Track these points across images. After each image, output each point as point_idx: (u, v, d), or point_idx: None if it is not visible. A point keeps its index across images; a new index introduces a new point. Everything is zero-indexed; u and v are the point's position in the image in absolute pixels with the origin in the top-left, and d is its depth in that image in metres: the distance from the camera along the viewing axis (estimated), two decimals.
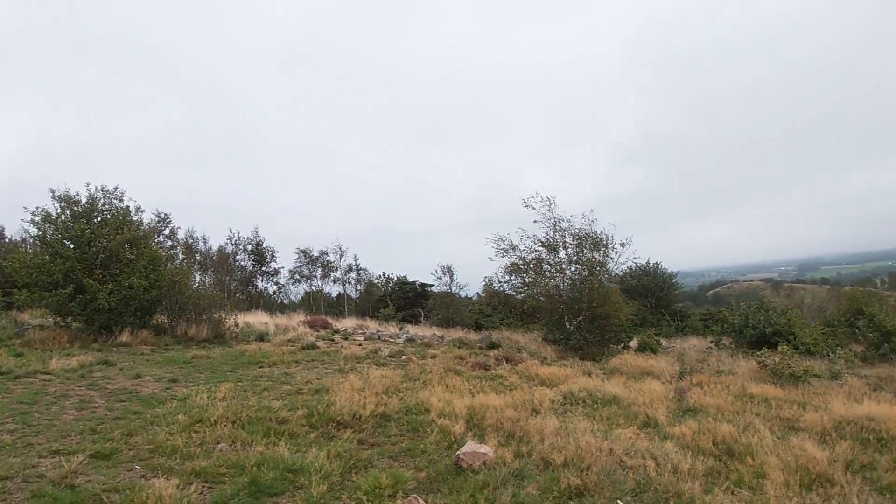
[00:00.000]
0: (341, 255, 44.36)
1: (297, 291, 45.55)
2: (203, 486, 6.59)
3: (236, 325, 20.17)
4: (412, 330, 25.72)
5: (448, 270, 36.99)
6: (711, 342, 28.74)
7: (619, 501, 6.64)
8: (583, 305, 22.57)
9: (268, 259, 42.89)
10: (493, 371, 15.96)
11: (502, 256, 24.21)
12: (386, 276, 46.40)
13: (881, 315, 24.18)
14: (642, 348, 24.16)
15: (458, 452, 7.61)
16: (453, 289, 36.14)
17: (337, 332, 22.45)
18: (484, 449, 7.71)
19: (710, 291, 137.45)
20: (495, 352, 19.65)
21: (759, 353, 19.04)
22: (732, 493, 7.28)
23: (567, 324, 22.60)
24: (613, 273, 25.05)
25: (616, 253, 23.81)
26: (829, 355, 22.03)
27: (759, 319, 25.87)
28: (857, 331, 25.89)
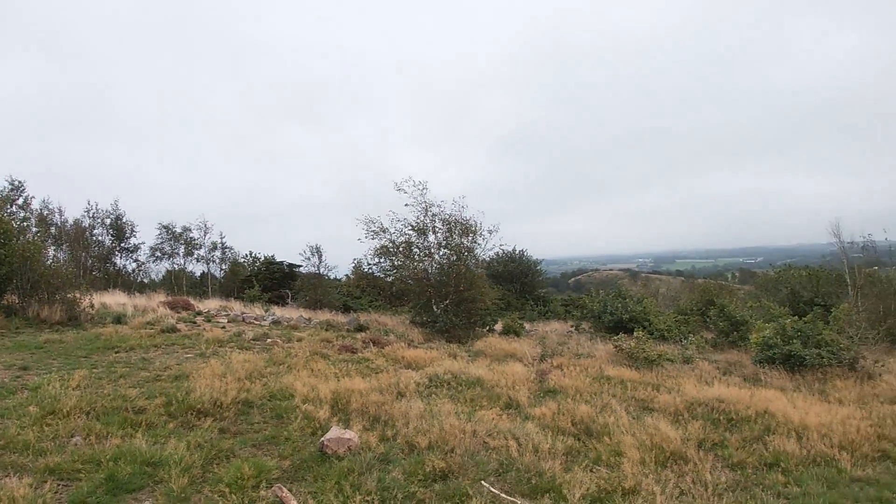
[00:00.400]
0: (206, 232, 42.31)
1: (159, 270, 43.04)
2: (58, 485, 6.06)
3: (92, 305, 18.63)
4: (279, 312, 24.99)
5: (317, 251, 36.12)
6: (572, 326, 29.80)
7: (483, 482, 6.72)
8: (450, 289, 22.93)
9: (127, 234, 40.04)
10: (360, 354, 15.77)
11: (372, 239, 24.20)
12: (252, 255, 44.51)
13: (730, 306, 25.72)
14: (506, 331, 24.76)
15: (323, 439, 7.46)
16: (322, 270, 35.39)
17: (199, 313, 21.48)
18: (349, 434, 7.60)
19: (573, 278, 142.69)
20: (363, 334, 19.49)
21: (616, 337, 19.86)
22: (591, 470, 7.54)
23: (434, 307, 22.93)
24: (481, 258, 25.55)
25: (484, 239, 24.29)
26: (681, 341, 23.25)
27: (616, 306, 27.04)
28: (708, 319, 27.46)
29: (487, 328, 25.10)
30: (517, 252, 43.13)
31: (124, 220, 40.10)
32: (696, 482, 7.37)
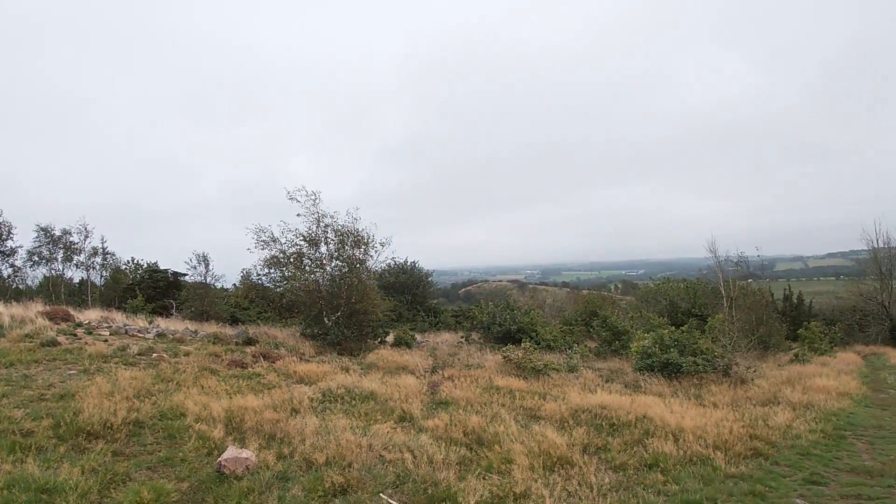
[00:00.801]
0: (86, 236, 39.23)
1: (35, 276, 39.78)
2: None
3: None
4: (163, 324, 23.80)
5: (204, 259, 34.47)
6: (462, 337, 30.16)
7: (381, 495, 6.90)
8: (342, 301, 22.78)
9: (3, 236, 36.46)
10: (250, 369, 15.49)
11: (262, 249, 23.66)
12: (135, 262, 42.22)
13: (612, 317, 26.75)
14: (398, 343, 24.92)
15: (220, 459, 7.40)
16: (209, 279, 34.06)
17: (80, 325, 20.21)
18: (246, 454, 7.58)
19: (463, 289, 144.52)
20: (252, 348, 19.01)
21: (504, 348, 20.35)
22: (484, 478, 7.82)
23: (326, 319, 22.73)
24: (373, 270, 25.53)
25: (376, 251, 24.33)
26: (567, 351, 23.99)
27: (505, 318, 27.67)
28: (591, 329, 28.49)
29: (379, 340, 25.15)
30: (409, 263, 43.45)
31: (0, 221, 36.67)
32: (582, 484, 7.77)
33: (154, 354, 16.00)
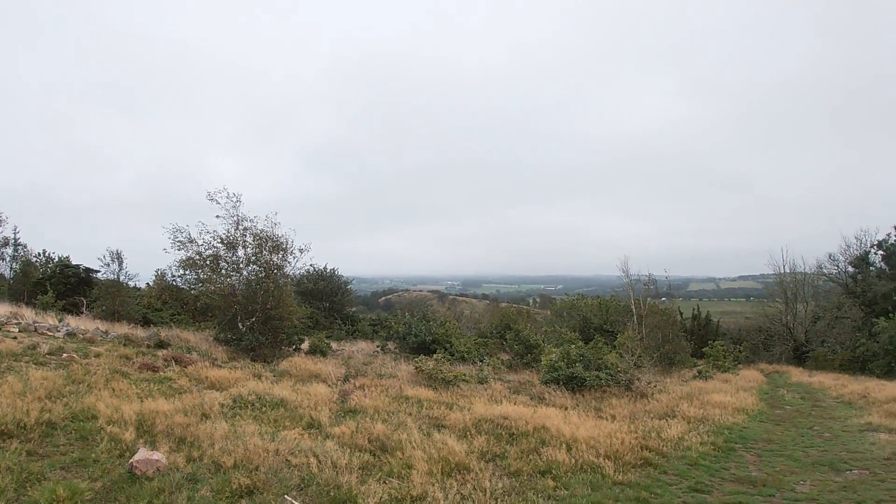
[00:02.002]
0: None
1: None
2: None
3: None
4: (73, 322, 23.30)
5: (117, 256, 33.26)
6: (378, 347, 30.42)
7: (286, 496, 7.29)
8: (257, 307, 22.70)
9: None
10: (161, 373, 15.44)
11: (178, 249, 23.21)
12: (46, 255, 40.55)
13: (525, 330, 27.54)
14: (313, 351, 24.93)
15: (132, 460, 7.68)
16: (122, 278, 33.06)
17: None
18: (156, 456, 7.85)
19: (383, 298, 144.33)
20: (164, 351, 18.70)
21: (417, 358, 20.85)
22: (384, 482, 8.26)
23: (240, 324, 22.57)
24: (291, 276, 25.49)
25: (294, 258, 24.31)
26: (479, 362, 24.62)
27: (420, 329, 28.13)
28: (505, 342, 29.23)
29: (294, 347, 25.07)
30: (328, 270, 43.40)
31: None
32: (477, 489, 8.28)
33: (65, 354, 15.74)
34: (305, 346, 26.13)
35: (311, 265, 37.82)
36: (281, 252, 23.96)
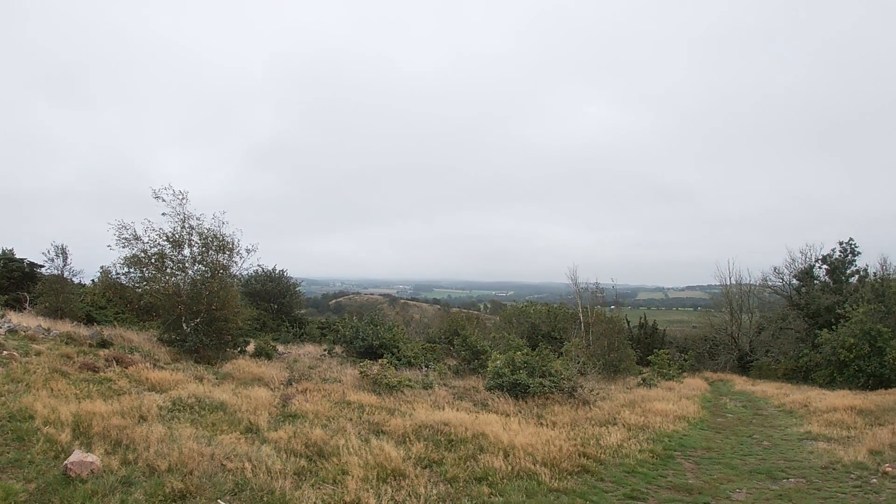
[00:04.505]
0: None
1: None
2: None
3: None
4: (15, 318, 22.68)
5: (62, 251, 32.68)
6: (325, 350, 30.33)
7: (219, 501, 7.38)
8: (202, 307, 22.36)
9: None
10: (102, 374, 15.26)
11: (123, 247, 22.64)
12: None
13: (472, 336, 27.70)
14: (258, 354, 24.72)
15: (66, 462, 7.70)
16: (66, 273, 32.36)
17: None
18: (91, 458, 7.88)
19: (334, 301, 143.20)
20: (106, 351, 18.45)
21: (362, 363, 20.89)
22: (319, 488, 8.35)
23: (185, 325, 22.20)
24: (238, 277, 25.29)
25: (241, 258, 23.97)
26: (425, 368, 24.73)
27: (368, 333, 28.12)
28: (453, 347, 29.40)
29: (239, 350, 24.85)
30: (276, 271, 43.07)
31: None
32: (411, 494, 8.40)
33: (5, 352, 15.43)
34: (251, 348, 25.85)
35: (259, 266, 37.58)
36: (227, 252, 23.60)
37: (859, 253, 42.40)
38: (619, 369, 34.38)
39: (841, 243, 42.80)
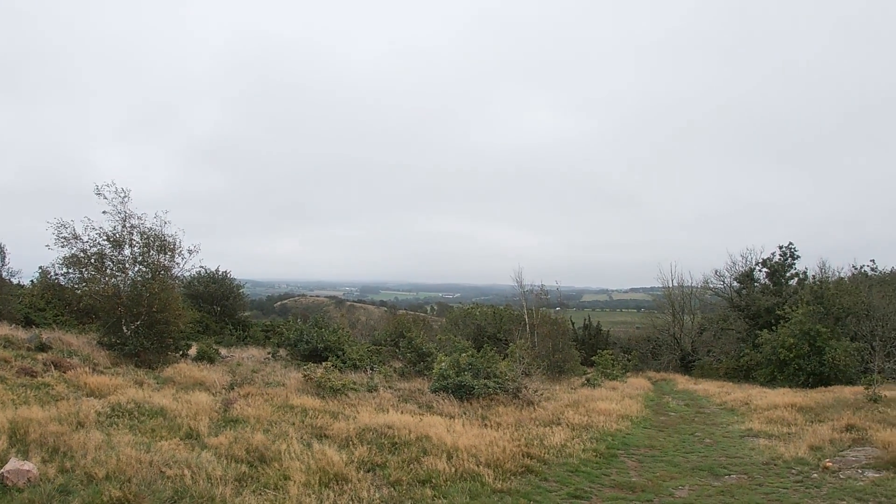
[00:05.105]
0: None
1: None
2: None
3: None
4: None
5: (0, 251, 32.14)
6: (269, 353, 30.11)
7: None
8: (143, 309, 21.88)
9: None
10: (40, 378, 14.96)
11: (63, 246, 21.94)
12: None
13: (418, 338, 27.82)
14: (201, 357, 24.38)
15: (2, 470, 7.63)
16: (4, 274, 31.37)
17: None
18: (28, 466, 7.82)
19: (279, 303, 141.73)
20: (44, 355, 18.05)
21: (305, 366, 20.81)
22: (260, 494, 8.34)
23: (125, 328, 21.75)
24: (179, 278, 24.92)
25: (183, 259, 23.63)
26: (370, 370, 24.75)
27: (312, 335, 28.02)
28: (398, 350, 29.49)
29: (181, 353, 24.52)
30: (220, 273, 42.57)
31: None
32: (354, 499, 8.49)
33: None
34: (193, 352, 25.52)
35: (201, 267, 36.99)
36: (169, 252, 23.22)
37: (798, 257, 44.11)
38: (564, 370, 34.95)
39: (781, 247, 44.38)
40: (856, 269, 45.50)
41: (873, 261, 45.83)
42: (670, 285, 55.39)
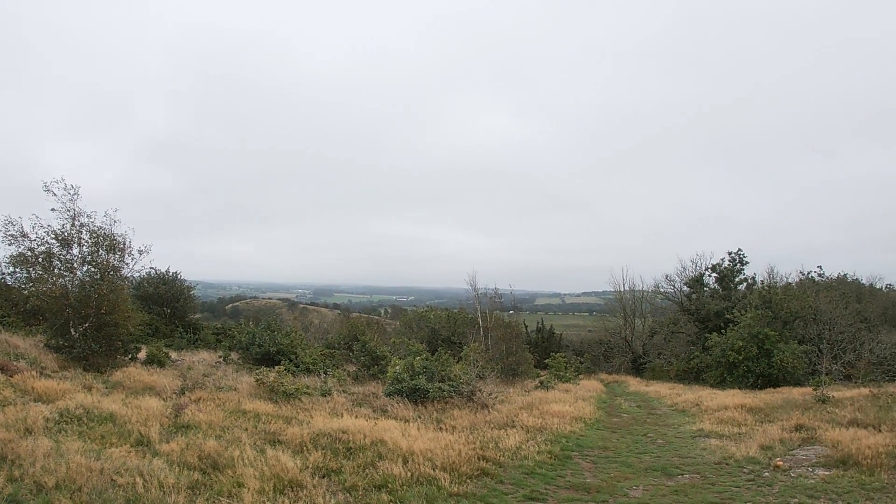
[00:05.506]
0: None
1: None
2: None
3: None
4: None
5: None
6: (221, 357, 29.75)
7: None
8: (91, 311, 21.35)
9: None
10: None
11: (9, 244, 21.36)
12: None
13: (372, 342, 27.80)
14: (151, 361, 23.93)
15: None
16: None
17: None
18: None
19: (231, 305, 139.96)
20: None
21: (258, 370, 20.60)
22: (214, 502, 8.25)
23: (73, 330, 21.15)
24: (129, 278, 24.38)
25: (133, 259, 23.04)
26: (323, 374, 24.62)
27: (265, 338, 27.77)
28: (352, 353, 29.41)
29: (130, 357, 23.97)
30: (170, 274, 41.97)
31: None
32: None
33: None
34: (143, 355, 25.02)
35: (151, 268, 36.38)
36: (118, 252, 22.62)
37: (747, 262, 45.47)
38: (518, 373, 35.29)
39: (730, 253, 45.70)
40: (803, 274, 47.27)
41: (820, 267, 47.74)
42: (622, 289, 56.69)
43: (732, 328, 34.88)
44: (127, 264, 23.09)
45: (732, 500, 9.95)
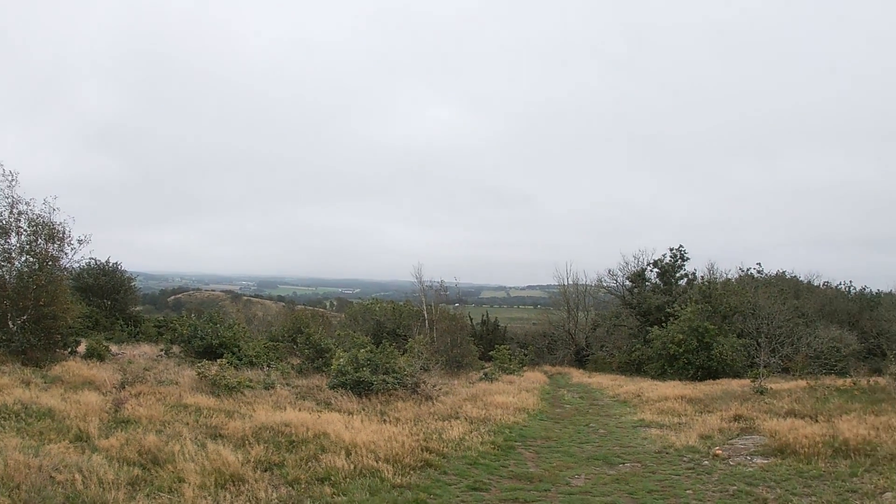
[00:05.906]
0: None
1: None
2: None
3: None
4: None
5: None
6: (162, 350, 29.35)
7: None
8: (29, 303, 20.69)
9: None
10: None
11: None
12: None
13: (316, 335, 27.72)
14: (90, 354, 23.49)
15: None
16: None
17: None
18: None
19: (173, 297, 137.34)
20: None
21: (199, 364, 20.40)
22: (154, 497, 8.17)
23: (10, 323, 20.51)
24: (68, 269, 23.79)
25: (73, 249, 22.34)
26: (267, 367, 24.48)
27: (207, 331, 27.45)
28: (296, 346, 29.29)
29: (69, 350, 23.43)
30: (110, 265, 41.18)
31: None
32: (251, 499, 8.42)
33: None
34: (82, 348, 24.52)
35: (91, 258, 35.67)
36: (58, 241, 21.89)
37: (688, 258, 46.68)
38: (462, 365, 35.58)
39: (671, 249, 46.79)
40: (743, 271, 48.59)
41: (759, 264, 49.02)
42: (566, 283, 57.72)
43: (673, 322, 35.80)
44: (66, 254, 22.36)
45: (673, 488, 10.20)
